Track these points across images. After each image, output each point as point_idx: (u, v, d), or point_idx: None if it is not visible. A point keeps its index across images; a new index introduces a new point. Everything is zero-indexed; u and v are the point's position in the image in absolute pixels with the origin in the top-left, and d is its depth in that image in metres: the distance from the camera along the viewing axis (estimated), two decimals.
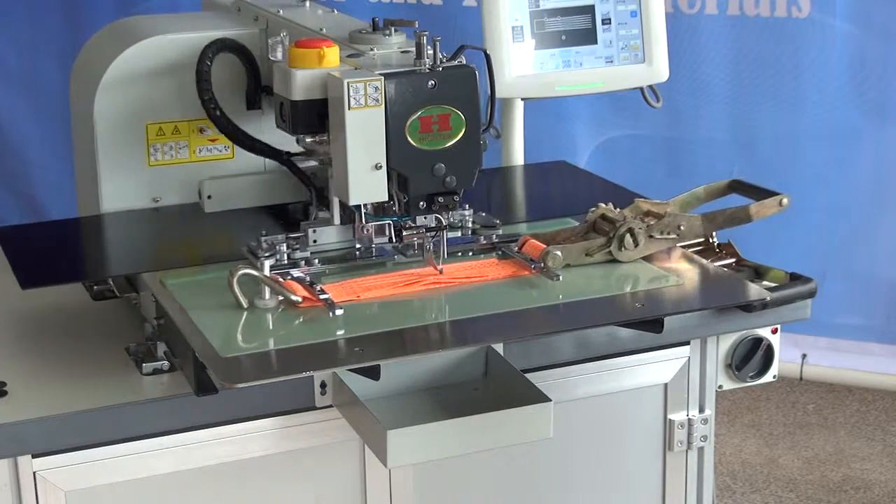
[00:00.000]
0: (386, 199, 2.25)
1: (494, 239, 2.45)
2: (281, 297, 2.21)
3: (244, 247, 2.34)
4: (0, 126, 5.03)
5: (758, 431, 4.47)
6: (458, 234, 2.45)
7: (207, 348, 2.07)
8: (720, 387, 2.55)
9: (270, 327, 2.17)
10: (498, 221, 2.48)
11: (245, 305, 2.19)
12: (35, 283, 2.36)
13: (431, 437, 2.11)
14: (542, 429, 2.17)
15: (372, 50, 2.32)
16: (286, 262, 2.34)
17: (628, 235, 2.38)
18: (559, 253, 2.34)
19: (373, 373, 2.13)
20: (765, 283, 2.48)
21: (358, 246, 2.40)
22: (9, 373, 2.21)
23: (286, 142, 2.48)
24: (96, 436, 2.14)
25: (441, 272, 2.33)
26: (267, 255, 2.29)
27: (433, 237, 2.31)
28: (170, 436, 2.18)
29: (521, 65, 2.99)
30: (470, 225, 2.46)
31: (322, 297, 2.21)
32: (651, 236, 2.41)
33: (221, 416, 2.20)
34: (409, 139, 2.21)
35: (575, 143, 4.71)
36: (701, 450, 2.58)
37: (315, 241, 2.40)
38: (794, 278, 2.47)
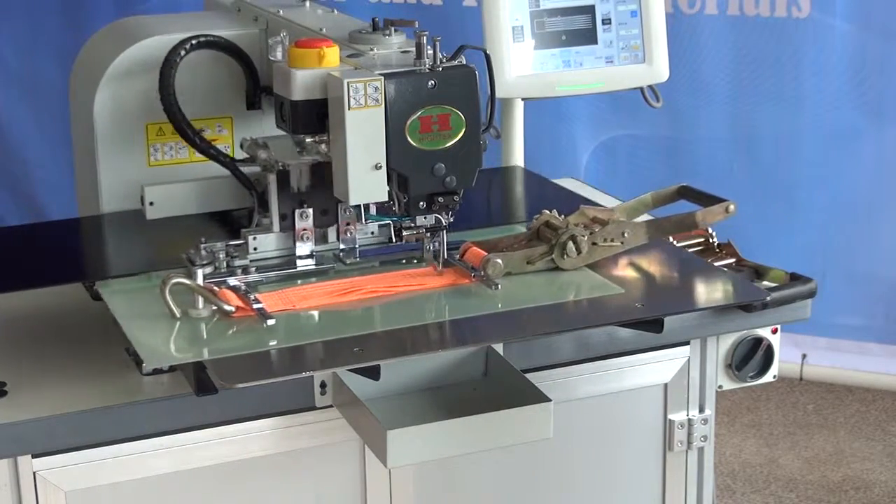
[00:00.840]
0: (386, 199, 2.25)
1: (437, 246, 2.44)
2: (215, 307, 2.20)
3: (183, 254, 2.33)
4: (0, 126, 5.03)
5: (758, 431, 4.47)
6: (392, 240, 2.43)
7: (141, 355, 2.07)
8: (720, 387, 2.56)
9: (204, 337, 2.16)
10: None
11: (178, 315, 2.18)
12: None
13: (431, 437, 2.11)
14: (542, 429, 2.17)
15: (372, 50, 2.32)
16: (225, 269, 2.33)
17: (571, 243, 2.36)
18: (500, 261, 2.30)
19: (373, 373, 2.13)
20: (765, 283, 2.48)
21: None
22: (9, 373, 2.21)
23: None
24: (96, 436, 2.14)
25: (440, 273, 2.33)
26: (205, 263, 2.28)
27: (432, 238, 2.31)
28: (170, 436, 2.18)
29: (521, 65, 2.99)
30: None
31: (255, 306, 2.21)
32: (595, 244, 2.38)
33: (221, 416, 2.20)
34: (409, 139, 2.21)
35: (575, 143, 4.71)
36: (701, 450, 2.58)
37: (255, 249, 2.39)
38: (794, 278, 2.48)
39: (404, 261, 2.41)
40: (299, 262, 2.39)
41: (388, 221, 2.41)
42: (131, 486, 2.19)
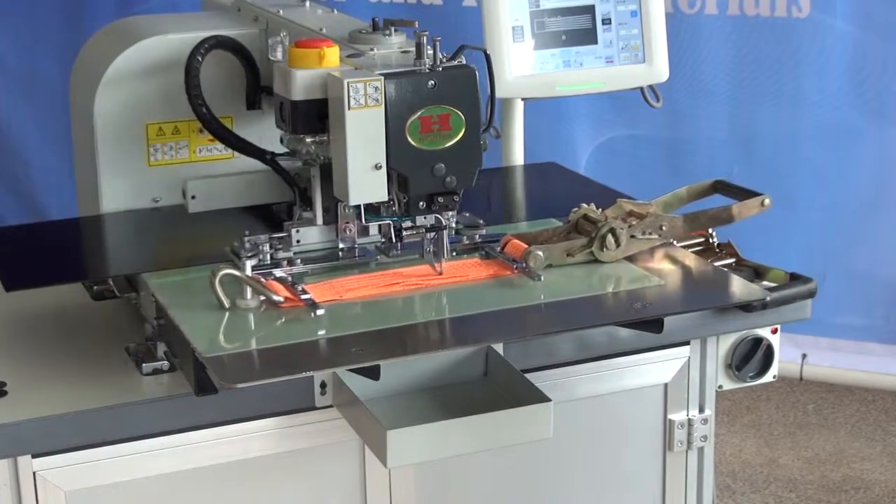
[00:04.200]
0: (386, 199, 2.25)
1: (478, 239, 2.45)
2: (263, 298, 2.21)
3: (227, 247, 2.34)
4: (0, 126, 5.03)
5: (758, 431, 4.47)
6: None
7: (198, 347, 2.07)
8: (720, 387, 2.56)
9: (252, 327, 2.17)
10: (482, 221, 2.48)
11: (227, 305, 2.19)
12: (23, 284, 2.36)
13: (431, 437, 2.12)
14: (542, 429, 2.17)
15: (372, 50, 2.32)
16: (269, 262, 2.34)
17: (610, 236, 2.38)
18: (541, 253, 2.33)
19: (373, 373, 2.13)
20: (765, 283, 2.48)
21: (342, 246, 2.41)
22: (9, 373, 2.21)
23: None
24: (96, 436, 2.14)
25: (440, 273, 2.33)
26: (249, 255, 2.29)
27: (433, 238, 2.31)
28: (170, 436, 2.19)
29: (521, 65, 2.99)
30: (454, 225, 2.44)
31: (303, 297, 2.21)
32: (633, 237, 2.40)
33: (221, 416, 2.20)
34: (409, 139, 2.21)
35: (575, 143, 4.71)
36: (701, 450, 2.58)
37: (298, 242, 2.40)
38: (794, 278, 2.48)
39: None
40: (342, 255, 2.40)
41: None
42: (131, 486, 2.19)
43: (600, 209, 2.45)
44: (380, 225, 2.38)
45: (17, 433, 2.08)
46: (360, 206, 2.27)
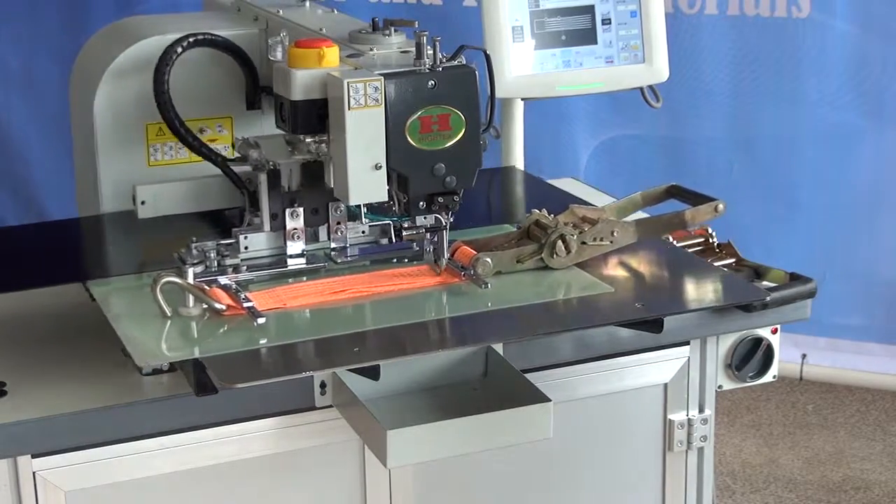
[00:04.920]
0: (386, 199, 2.25)
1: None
2: (206, 306, 2.21)
3: (174, 254, 2.34)
4: (0, 126, 5.03)
5: (758, 431, 4.47)
6: (390, 240, 2.44)
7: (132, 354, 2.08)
8: (720, 387, 2.56)
9: (195, 335, 2.16)
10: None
11: (168, 314, 2.19)
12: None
13: (431, 437, 2.11)
14: (542, 429, 2.16)
15: (372, 50, 2.32)
16: (216, 268, 2.34)
17: (560, 242, 2.36)
18: (489, 260, 2.32)
19: (373, 373, 2.13)
20: (765, 283, 2.48)
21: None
22: (9, 373, 2.21)
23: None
24: (96, 436, 2.14)
25: (439, 273, 2.33)
26: (195, 262, 2.29)
27: (433, 238, 2.31)
28: (170, 436, 2.18)
29: (521, 65, 2.99)
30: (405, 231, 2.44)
31: (246, 304, 2.21)
32: (584, 243, 2.39)
33: (221, 416, 2.20)
34: (409, 139, 2.21)
35: (575, 143, 4.71)
36: (701, 450, 2.58)
37: (246, 248, 2.39)
38: (794, 278, 2.48)
39: (395, 260, 2.42)
40: (290, 262, 2.40)
41: (386, 221, 2.42)
42: (131, 486, 2.19)
43: (552, 215, 2.43)
44: (328, 231, 2.39)
45: (17, 433, 2.08)
46: (357, 206, 2.27)
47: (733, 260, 2.54)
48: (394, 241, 2.42)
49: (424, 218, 2.29)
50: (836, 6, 4.40)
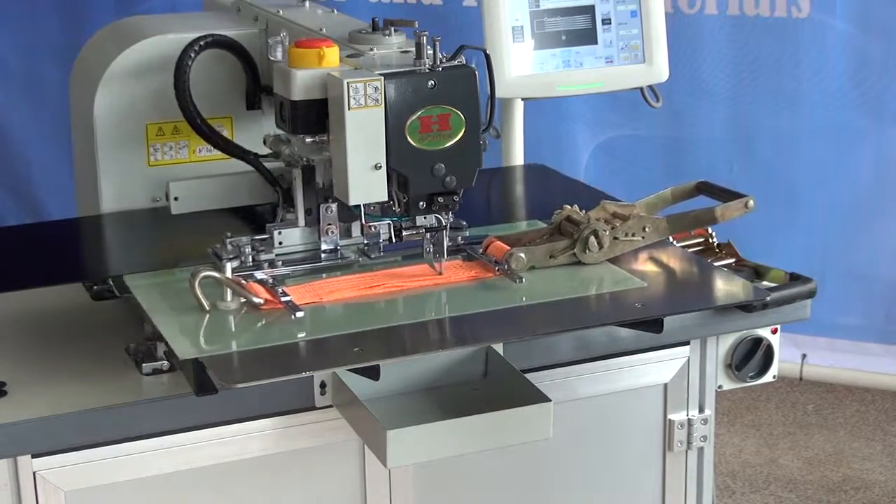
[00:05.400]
0: (386, 199, 2.25)
1: (460, 241, 2.45)
2: (243, 300, 2.21)
3: (209, 249, 2.34)
4: (0, 126, 5.03)
5: (758, 431, 4.47)
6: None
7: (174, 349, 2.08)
8: (720, 387, 2.55)
9: (232, 329, 2.17)
10: (465, 223, 2.48)
11: (207, 308, 2.20)
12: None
13: (431, 437, 2.11)
14: (542, 429, 2.16)
15: (372, 50, 2.32)
16: (251, 264, 2.34)
17: (592, 237, 2.38)
18: (523, 255, 2.33)
19: (373, 373, 2.13)
20: (765, 283, 2.48)
21: (324, 247, 2.41)
22: (9, 373, 2.21)
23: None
24: (96, 436, 2.14)
25: (440, 273, 2.33)
26: (231, 257, 2.29)
27: (432, 238, 2.31)
28: (170, 436, 2.18)
29: (521, 65, 2.99)
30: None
31: (283, 299, 2.22)
32: (616, 238, 2.40)
33: (221, 416, 2.20)
34: (409, 139, 2.21)
35: (575, 143, 4.71)
36: (701, 450, 2.58)
37: (280, 244, 2.40)
38: (794, 278, 2.48)
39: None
40: (324, 257, 2.41)
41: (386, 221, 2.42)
42: (131, 486, 2.19)
43: (584, 210, 2.44)
44: (361, 226, 2.39)
45: (17, 433, 2.08)
46: (359, 206, 2.27)
47: (733, 260, 2.54)
48: (401, 241, 2.42)
49: (424, 218, 2.29)
50: (836, 6, 4.40)
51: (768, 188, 4.60)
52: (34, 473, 2.13)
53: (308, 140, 2.30)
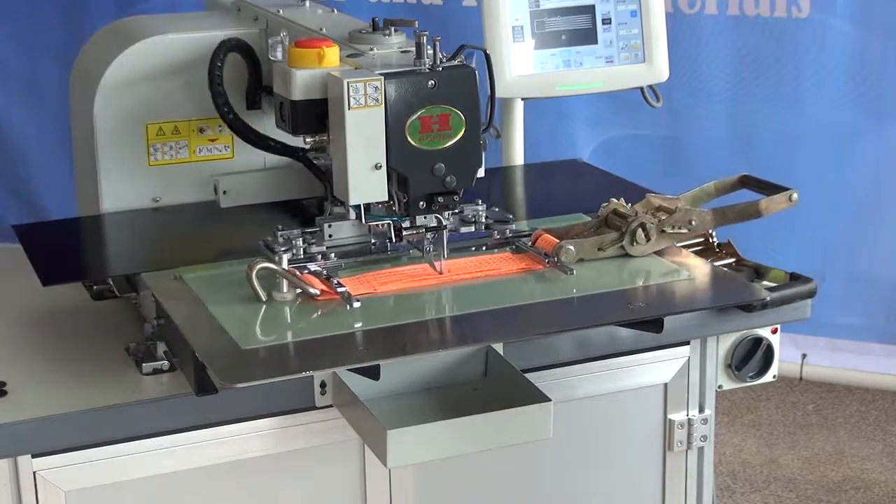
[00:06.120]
0: (386, 198, 2.25)
1: (508, 234, 2.47)
2: (299, 291, 2.22)
3: (260, 241, 2.35)
4: (0, 126, 5.03)
5: (758, 431, 4.47)
6: (472, 228, 2.47)
7: (216, 343, 2.07)
8: (720, 387, 2.56)
9: (289, 320, 2.18)
10: (511, 216, 2.50)
11: (264, 299, 2.20)
12: (55, 280, 2.36)
13: (431, 437, 2.12)
14: (542, 429, 2.17)
15: (372, 50, 2.32)
16: (302, 256, 2.36)
17: (640, 230, 2.40)
18: (572, 247, 2.35)
19: (373, 373, 2.13)
20: (765, 283, 2.48)
21: (374, 241, 2.42)
22: (9, 373, 2.21)
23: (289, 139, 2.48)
24: (96, 436, 2.14)
25: (441, 273, 2.33)
26: (283, 249, 2.30)
27: (433, 237, 2.31)
28: (170, 436, 2.19)
29: (522, 65, 2.99)
30: (484, 220, 2.47)
31: (339, 289, 2.23)
32: (663, 231, 2.42)
33: (221, 416, 2.20)
34: (409, 139, 2.21)
35: (575, 142, 4.71)
36: (701, 450, 2.58)
37: (330, 236, 2.41)
38: (794, 278, 2.48)
39: (473, 248, 2.44)
40: (373, 249, 2.42)
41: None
42: (131, 486, 2.19)
43: (629, 204, 2.46)
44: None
45: (17, 433, 2.08)
46: (360, 205, 2.28)
47: (733, 260, 2.54)
48: (401, 241, 2.42)
49: (424, 218, 2.29)
50: (836, 6, 4.40)
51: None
52: (34, 473, 2.13)
53: (308, 140, 2.30)
